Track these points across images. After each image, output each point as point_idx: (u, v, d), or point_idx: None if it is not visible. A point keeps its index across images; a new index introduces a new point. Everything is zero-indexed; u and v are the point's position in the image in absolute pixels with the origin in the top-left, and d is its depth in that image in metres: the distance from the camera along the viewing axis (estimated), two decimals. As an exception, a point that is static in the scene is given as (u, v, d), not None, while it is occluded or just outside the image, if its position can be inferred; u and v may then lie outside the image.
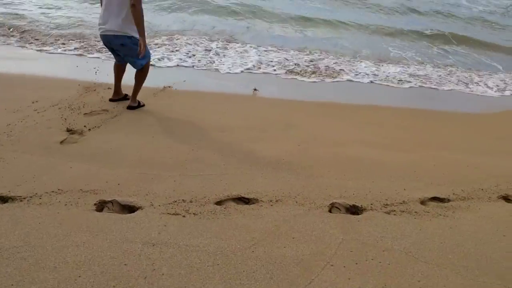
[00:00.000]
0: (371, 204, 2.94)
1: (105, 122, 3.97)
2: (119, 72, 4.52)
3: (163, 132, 3.87)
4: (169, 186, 2.89)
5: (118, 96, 4.57)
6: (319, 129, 4.39)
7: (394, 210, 2.90)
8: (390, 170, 3.55)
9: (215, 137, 3.88)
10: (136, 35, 3.98)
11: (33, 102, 4.25)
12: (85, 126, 3.81)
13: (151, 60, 4.56)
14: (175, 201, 2.71)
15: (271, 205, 2.78)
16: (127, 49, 4.12)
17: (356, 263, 2.26)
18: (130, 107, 4.37)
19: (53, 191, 2.63)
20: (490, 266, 2.36)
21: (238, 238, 2.38)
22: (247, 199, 2.84)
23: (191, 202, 2.72)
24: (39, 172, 2.87)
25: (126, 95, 4.58)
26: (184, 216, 2.55)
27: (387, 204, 2.97)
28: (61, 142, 3.45)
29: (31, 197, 2.55)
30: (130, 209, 2.59)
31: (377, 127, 4.68)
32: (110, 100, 4.54)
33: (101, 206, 2.56)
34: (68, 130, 3.70)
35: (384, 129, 4.62)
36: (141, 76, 4.36)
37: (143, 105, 4.50)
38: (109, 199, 2.61)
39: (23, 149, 3.23)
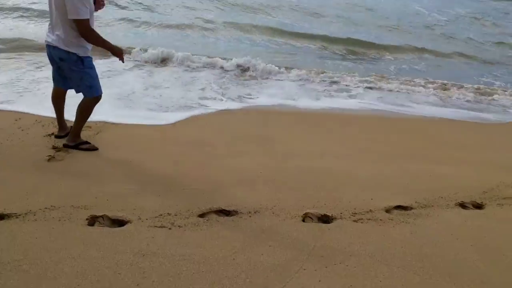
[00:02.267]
0: (341, 213, 3.23)
1: (88, 138, 4.13)
2: (57, 99, 3.96)
3: (146, 149, 4.07)
4: (155, 201, 3.11)
5: (64, 131, 4.04)
6: (293, 142, 4.68)
7: (362, 219, 3.19)
8: (359, 180, 3.85)
9: (195, 153, 4.11)
10: (79, 52, 3.51)
11: (16, 120, 4.38)
12: (70, 143, 3.98)
13: (100, 94, 3.79)
14: (161, 215, 2.93)
15: (250, 216, 3.03)
16: (67, 67, 3.61)
17: (326, 267, 2.54)
18: (65, 145, 3.85)
19: (46, 208, 2.82)
20: (442, 266, 2.68)
21: (220, 247, 2.62)
22: (228, 211, 3.09)
23: (175, 215, 2.95)
24: (30, 190, 3.05)
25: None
26: (170, 229, 2.78)
27: (355, 213, 3.26)
28: (49, 160, 3.61)
29: (26, 213, 2.74)
30: (119, 223, 2.80)
31: (346, 138, 5.01)
32: (56, 136, 4.04)
33: (92, 220, 2.76)
34: (54, 148, 3.85)
35: (353, 141, 4.94)
36: (82, 111, 3.78)
37: (88, 148, 3.89)
38: (100, 214, 2.82)
39: (13, 167, 3.39)
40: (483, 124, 6.29)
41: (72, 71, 3.62)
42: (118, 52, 3.66)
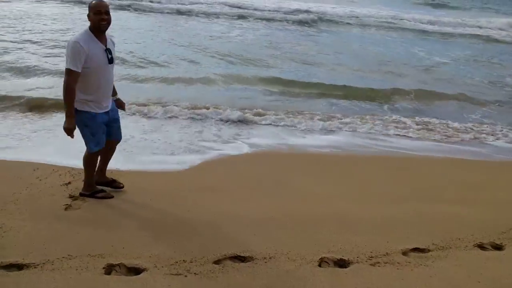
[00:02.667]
0: (357, 257, 3.20)
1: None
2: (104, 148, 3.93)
3: (159, 196, 4.10)
4: (170, 248, 3.12)
5: (99, 178, 4.07)
6: (302, 185, 4.68)
7: (379, 262, 3.16)
8: (373, 223, 3.83)
9: (207, 198, 4.13)
10: (76, 105, 3.47)
11: (34, 170, 4.49)
12: (87, 192, 4.05)
13: (94, 151, 3.76)
14: (177, 262, 2.93)
15: (265, 262, 3.02)
16: None
17: (345, 314, 2.49)
18: (81, 194, 3.92)
19: (63, 257, 2.85)
20: (465, 311, 2.61)
21: (237, 295, 2.60)
22: (243, 257, 3.08)
23: (191, 262, 2.95)
24: (48, 239, 3.08)
25: (113, 180, 4.14)
26: (186, 276, 2.78)
27: (371, 257, 3.23)
28: (66, 209, 3.67)
29: (44, 263, 2.76)
30: (136, 271, 2.80)
31: (358, 180, 5.00)
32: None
33: (109, 269, 2.78)
34: (71, 197, 3.91)
35: (365, 183, 4.94)
36: (84, 161, 3.84)
37: (104, 196, 3.92)
38: (116, 263, 2.83)
39: (31, 217, 3.45)
40: (485, 162, 6.21)
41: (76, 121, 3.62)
42: (67, 127, 3.45)
